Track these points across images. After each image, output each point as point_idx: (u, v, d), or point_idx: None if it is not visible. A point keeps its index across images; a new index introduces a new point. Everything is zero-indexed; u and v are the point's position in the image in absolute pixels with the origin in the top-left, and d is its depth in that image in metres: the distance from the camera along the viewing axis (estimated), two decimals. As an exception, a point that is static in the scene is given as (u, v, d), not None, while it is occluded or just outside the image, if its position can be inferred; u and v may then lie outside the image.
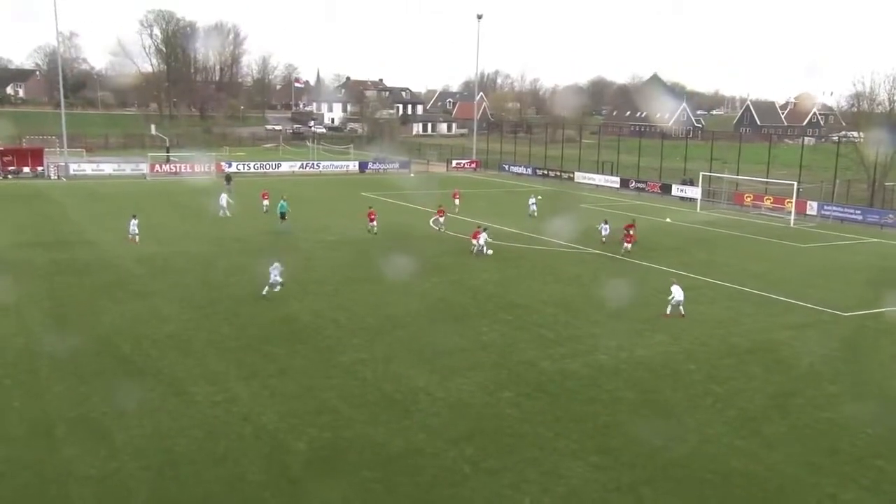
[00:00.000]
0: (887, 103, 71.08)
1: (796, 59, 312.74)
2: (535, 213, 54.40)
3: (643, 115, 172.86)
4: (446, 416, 19.62)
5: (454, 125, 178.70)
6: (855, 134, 79.44)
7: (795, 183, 59.59)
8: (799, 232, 52.76)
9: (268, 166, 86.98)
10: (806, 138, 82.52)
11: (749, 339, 26.53)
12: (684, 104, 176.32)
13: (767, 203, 62.57)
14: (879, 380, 23.08)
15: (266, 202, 53.88)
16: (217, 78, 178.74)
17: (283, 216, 46.91)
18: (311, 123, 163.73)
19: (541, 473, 16.66)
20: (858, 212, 58.25)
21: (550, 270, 36.86)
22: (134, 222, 41.19)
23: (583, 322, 28.26)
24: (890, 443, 18.62)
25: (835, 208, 59.68)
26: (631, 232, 40.67)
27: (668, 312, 28.53)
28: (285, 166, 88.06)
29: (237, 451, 17.38)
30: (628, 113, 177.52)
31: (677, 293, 28.51)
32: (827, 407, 20.79)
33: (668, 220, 55.83)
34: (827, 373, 23.55)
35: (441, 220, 47.24)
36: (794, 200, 58.00)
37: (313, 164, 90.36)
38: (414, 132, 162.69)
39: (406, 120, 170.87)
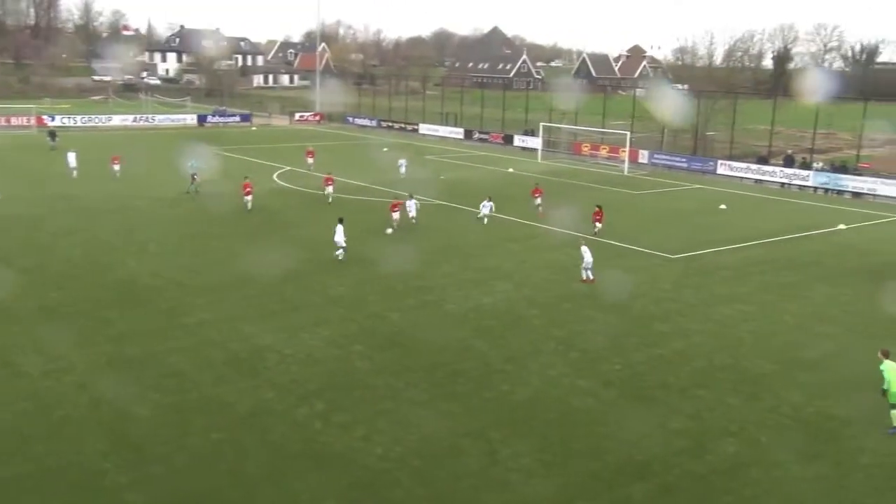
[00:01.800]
0: (707, 58, 75.58)
1: (629, 14, 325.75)
2: (404, 174, 50.46)
3: (485, 67, 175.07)
4: (295, 373, 19.46)
5: (296, 77, 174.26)
6: (680, 86, 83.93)
7: (628, 133, 62.45)
8: (632, 180, 55.48)
9: (97, 120, 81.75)
10: (637, 90, 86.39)
11: (587, 284, 27.76)
12: (524, 56, 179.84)
13: (603, 152, 65.29)
14: (702, 317, 24.83)
15: (117, 167, 47.71)
16: (32, 22, 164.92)
17: (193, 177, 43.10)
18: (144, 74, 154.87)
19: (392, 424, 16.89)
20: (684, 160, 61.88)
21: (402, 222, 37.00)
22: None
23: (431, 273, 28.62)
24: (709, 374, 20.15)
25: (664, 157, 63.10)
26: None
27: (583, 278, 27.69)
28: (116, 120, 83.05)
29: (73, 422, 16.53)
30: (471, 65, 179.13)
31: (587, 255, 27.65)
32: (658, 344, 22.18)
33: (510, 169, 57.18)
34: (658, 312, 25.09)
35: (329, 189, 41.39)
36: (627, 150, 60.83)
37: (148, 117, 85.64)
38: (254, 84, 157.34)
39: (246, 71, 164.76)
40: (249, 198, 37.92)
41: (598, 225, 35.33)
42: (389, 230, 34.03)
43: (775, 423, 17.45)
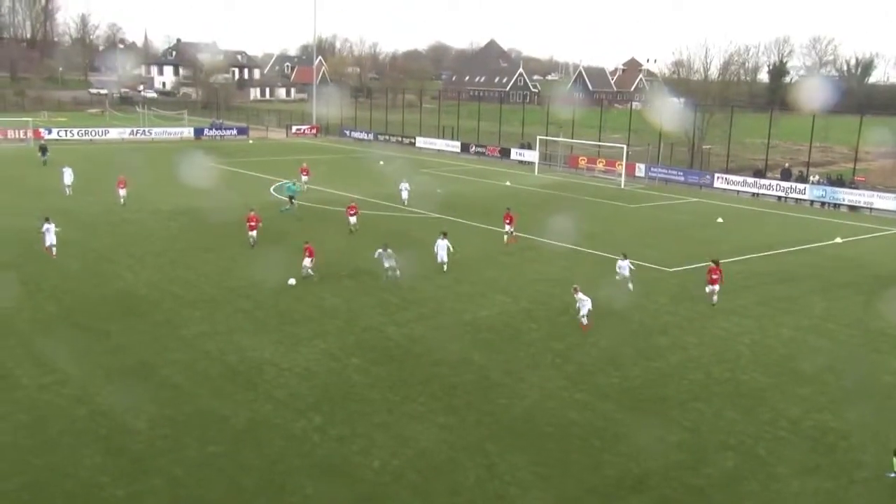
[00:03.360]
0: (702, 71, 75.98)
1: (625, 27, 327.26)
2: (407, 201, 45.27)
3: (482, 81, 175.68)
4: (293, 386, 19.42)
5: (293, 90, 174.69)
6: (676, 99, 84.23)
7: (625, 146, 62.62)
8: (629, 193, 55.60)
9: (93, 133, 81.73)
10: (634, 103, 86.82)
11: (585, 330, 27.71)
12: (521, 70, 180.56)
13: (600, 166, 65.43)
14: (700, 330, 24.83)
15: (123, 192, 42.51)
16: (28, 35, 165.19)
17: (290, 199, 42.15)
18: (141, 88, 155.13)
19: (390, 437, 16.85)
20: (681, 173, 62.03)
21: (398, 235, 36.99)
22: None
23: (427, 286, 28.62)
24: (707, 387, 20.15)
25: (660, 170, 63.25)
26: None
27: (583, 324, 24.12)
28: (113, 133, 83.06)
29: (70, 435, 16.48)
30: (467, 78, 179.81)
31: (585, 303, 24.11)
32: (656, 357, 22.18)
33: (507, 183, 57.27)
34: (656, 325, 25.10)
35: (353, 220, 37.55)
36: (623, 163, 60.98)
37: (144, 130, 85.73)
38: (251, 97, 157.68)
39: (242, 84, 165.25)
40: (254, 233, 33.59)
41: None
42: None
43: (773, 437, 17.44)
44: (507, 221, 36.25)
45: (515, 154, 73.13)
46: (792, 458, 16.46)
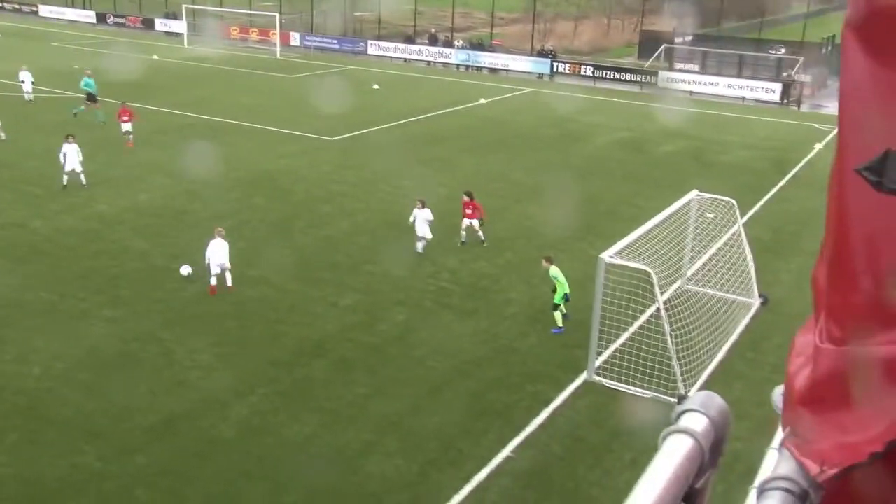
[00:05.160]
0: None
1: None
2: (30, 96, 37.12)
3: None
4: (-78, 300, 16.94)
5: None
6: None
7: (277, 14, 60.88)
8: (285, 63, 54.58)
9: None
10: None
11: (249, 172, 27.26)
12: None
13: (254, 36, 63.14)
14: (365, 195, 25.66)
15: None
16: None
17: (91, 97, 33.05)
18: None
19: (50, 340, 15.53)
20: (335, 41, 62.06)
21: (27, 119, 33.00)
22: None
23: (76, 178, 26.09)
24: (374, 249, 21.09)
25: (315, 39, 62.69)
26: None
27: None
28: None
29: None
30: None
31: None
32: (324, 226, 22.63)
33: (154, 56, 53.16)
34: (321, 195, 25.46)
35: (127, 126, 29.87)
36: (278, 32, 59.42)
37: None
38: None
39: None
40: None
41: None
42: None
43: (437, 288, 18.88)
44: (126, 117, 29.49)
45: (161, 25, 67.77)
46: (453, 305, 18.01)
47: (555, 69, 52.84)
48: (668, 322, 14.39)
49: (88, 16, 72.01)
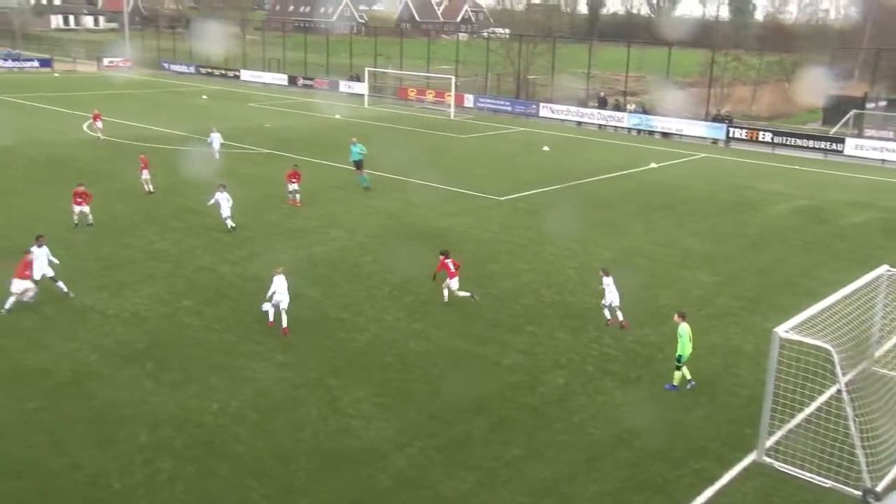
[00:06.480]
0: (525, 2, 77.25)
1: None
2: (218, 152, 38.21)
3: (307, 11, 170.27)
4: (120, 334, 18.48)
5: (101, 18, 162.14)
6: (501, 30, 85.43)
7: (453, 77, 62.99)
8: (459, 123, 56.20)
9: None
10: (460, 34, 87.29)
11: (419, 228, 28.05)
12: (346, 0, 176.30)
13: (430, 97, 65.62)
14: (531, 256, 25.73)
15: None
16: None
17: (358, 164, 34.32)
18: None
19: (227, 379, 16.46)
20: (508, 103, 63.34)
21: (227, 173, 35.64)
22: None
23: (259, 223, 27.87)
24: (538, 310, 21.00)
25: (488, 100, 64.27)
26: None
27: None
28: None
29: None
30: (291, 8, 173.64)
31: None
32: (489, 284, 22.81)
33: (337, 116, 56.34)
34: (488, 253, 25.75)
35: (145, 174, 31.29)
36: (452, 94, 61.43)
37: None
38: (52, 25, 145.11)
39: (40, 10, 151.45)
40: (85, 208, 26.52)
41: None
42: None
43: (599, 353, 18.48)
44: (294, 180, 30.47)
45: (344, 87, 71.89)
46: (615, 372, 17.55)
47: (731, 134, 51.32)
48: (850, 405, 13.33)
49: (281, 79, 77.52)
